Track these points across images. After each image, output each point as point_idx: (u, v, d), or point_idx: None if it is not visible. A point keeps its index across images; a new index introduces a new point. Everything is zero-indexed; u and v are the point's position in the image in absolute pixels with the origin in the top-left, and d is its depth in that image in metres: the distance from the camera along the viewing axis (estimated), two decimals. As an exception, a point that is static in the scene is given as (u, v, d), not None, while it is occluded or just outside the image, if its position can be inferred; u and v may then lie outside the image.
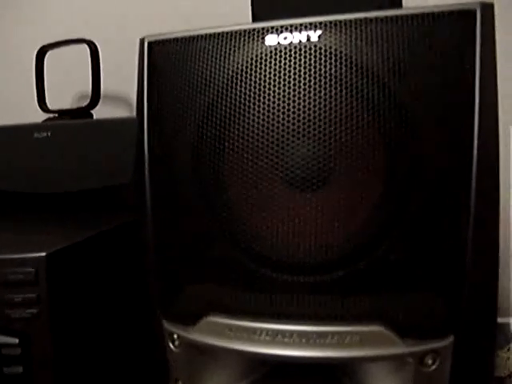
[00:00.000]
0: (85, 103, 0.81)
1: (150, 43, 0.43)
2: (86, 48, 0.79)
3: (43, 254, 0.48)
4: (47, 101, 0.84)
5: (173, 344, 0.41)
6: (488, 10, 0.36)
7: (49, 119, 0.81)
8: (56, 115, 0.82)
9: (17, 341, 0.49)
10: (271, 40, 0.39)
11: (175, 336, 0.40)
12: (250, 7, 0.54)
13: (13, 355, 0.50)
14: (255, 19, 0.52)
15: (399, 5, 0.54)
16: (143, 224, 0.43)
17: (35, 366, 0.50)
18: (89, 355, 0.54)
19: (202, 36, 0.41)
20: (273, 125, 0.38)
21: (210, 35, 0.41)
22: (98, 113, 0.81)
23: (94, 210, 0.70)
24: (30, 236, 0.56)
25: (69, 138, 0.72)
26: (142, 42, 0.44)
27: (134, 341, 0.57)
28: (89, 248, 0.54)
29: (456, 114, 0.36)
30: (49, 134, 0.73)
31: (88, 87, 0.82)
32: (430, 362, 0.36)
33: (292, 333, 0.36)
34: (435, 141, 0.36)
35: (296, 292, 0.37)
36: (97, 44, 0.79)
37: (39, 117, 0.81)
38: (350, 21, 0.38)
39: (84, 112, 0.80)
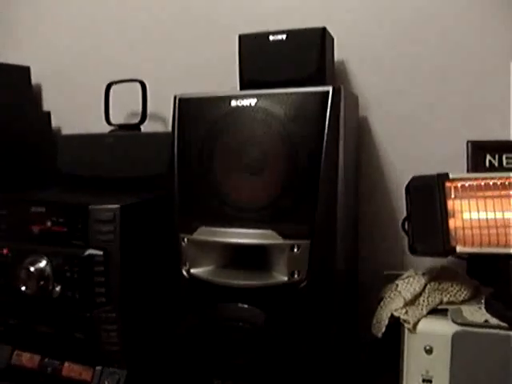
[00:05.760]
0: (135, 120, 1.24)
1: (179, 98, 0.85)
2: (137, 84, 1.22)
3: (119, 206, 0.91)
4: (111, 118, 1.26)
5: (184, 243, 0.82)
6: (337, 92, 0.76)
7: (112, 130, 1.23)
8: (117, 127, 1.24)
9: (101, 253, 0.91)
10: (234, 103, 0.80)
11: (185, 239, 0.82)
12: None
13: (99, 260, 0.91)
14: (242, 82, 0.94)
15: (322, 76, 0.93)
16: (172, 190, 0.84)
17: (111, 266, 0.91)
18: (141, 260, 0.95)
19: (202, 98, 0.83)
20: (236, 142, 0.80)
21: (207, 97, 0.82)
22: (144, 128, 1.23)
23: (139, 189, 1.11)
24: (109, 198, 0.98)
25: (126, 143, 1.14)
26: (175, 97, 0.86)
27: (163, 253, 0.95)
28: (142, 206, 0.98)
29: (315, 142, 0.76)
30: (114, 140, 1.15)
31: (136, 109, 1.25)
32: (295, 250, 0.76)
33: (237, 233, 0.79)
34: (306, 154, 0.76)
35: (245, 219, 0.79)
36: (145, 82, 1.22)
37: (105, 128, 1.24)
38: (270, 94, 0.79)
39: (135, 126, 1.23)
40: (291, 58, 0.93)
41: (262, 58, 0.95)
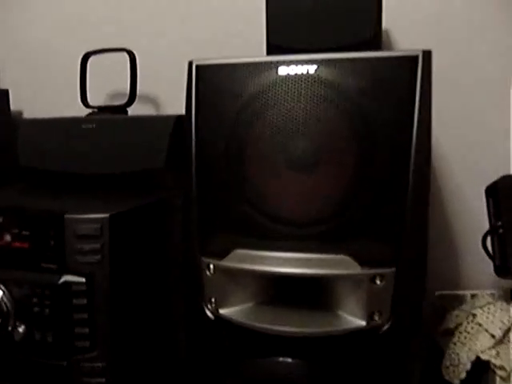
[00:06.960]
0: (118, 102, 0.98)
1: (197, 66, 0.61)
2: (120, 55, 0.95)
3: (107, 215, 0.66)
4: (88, 99, 1.00)
5: (209, 271, 0.58)
6: (426, 55, 0.54)
7: (90, 114, 0.98)
8: (96, 110, 0.98)
9: (83, 280, 0.66)
10: (283, 70, 0.57)
11: (211, 266, 0.58)
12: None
13: (80, 290, 0.67)
14: (269, 49, 0.70)
15: (378, 43, 0.71)
16: (189, 192, 0.60)
17: (96, 299, 0.66)
18: (138, 290, 0.71)
19: (235, 63, 0.59)
20: (280, 127, 0.57)
21: (241, 63, 0.58)
22: (132, 111, 0.97)
23: (130, 189, 0.86)
24: (93, 204, 0.73)
25: (112, 129, 0.88)
26: (190, 64, 0.62)
27: (174, 277, 0.73)
28: (139, 214, 0.72)
29: (402, 125, 0.54)
30: (94, 125, 0.89)
31: (119, 89, 0.99)
32: (378, 281, 0.54)
33: (289, 258, 0.55)
34: (388, 143, 0.54)
35: (290, 239, 0.56)
36: (135, 53, 0.96)
37: (80, 111, 0.98)
38: (335, 59, 0.56)
39: (121, 109, 0.97)
40: (342, 19, 0.70)
41: (299, 19, 0.71)
